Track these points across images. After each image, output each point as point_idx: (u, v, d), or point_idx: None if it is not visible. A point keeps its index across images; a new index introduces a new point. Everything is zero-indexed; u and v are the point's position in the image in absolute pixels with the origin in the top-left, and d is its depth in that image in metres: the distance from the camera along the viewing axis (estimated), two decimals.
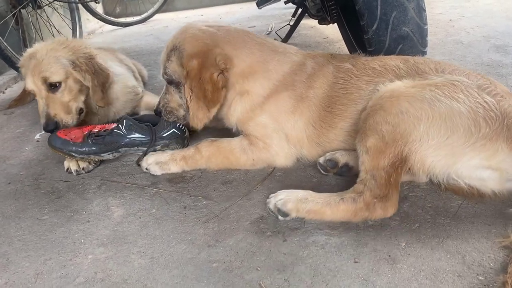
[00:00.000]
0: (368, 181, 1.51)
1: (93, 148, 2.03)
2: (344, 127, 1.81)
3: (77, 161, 2.05)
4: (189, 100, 1.87)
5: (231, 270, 1.36)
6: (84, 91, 2.21)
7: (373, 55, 1.97)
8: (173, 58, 1.87)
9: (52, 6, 4.27)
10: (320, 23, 3.19)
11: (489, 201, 1.54)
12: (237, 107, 1.91)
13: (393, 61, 1.79)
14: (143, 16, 6.24)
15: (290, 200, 1.55)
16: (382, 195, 1.48)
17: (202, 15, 6.31)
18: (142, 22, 6.20)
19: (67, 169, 2.06)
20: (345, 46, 3.19)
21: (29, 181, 2.05)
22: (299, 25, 3.99)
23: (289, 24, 3.92)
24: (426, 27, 2.19)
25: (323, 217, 1.53)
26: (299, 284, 1.29)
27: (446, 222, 1.48)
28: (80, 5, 4.85)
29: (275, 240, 1.47)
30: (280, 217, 1.55)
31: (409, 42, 2.16)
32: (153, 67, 3.76)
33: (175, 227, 1.60)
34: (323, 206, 1.52)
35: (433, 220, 1.50)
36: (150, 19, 6.30)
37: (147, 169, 1.98)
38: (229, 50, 1.86)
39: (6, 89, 3.65)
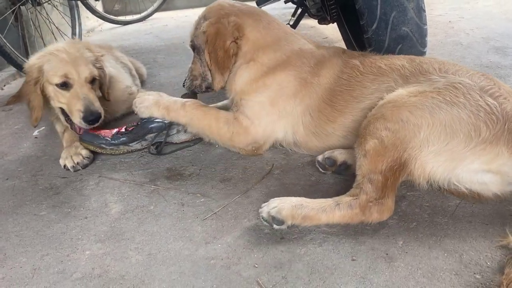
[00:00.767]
0: (364, 184, 1.48)
1: (123, 139, 2.14)
2: (343, 122, 1.81)
3: (72, 156, 2.05)
4: (209, 64, 2.01)
5: (228, 267, 1.36)
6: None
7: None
8: (199, 26, 2.04)
9: (51, 3, 4.26)
10: (320, 22, 3.18)
11: (486, 201, 1.54)
12: (243, 74, 1.99)
13: (400, 60, 1.79)
14: (143, 14, 6.23)
15: (284, 207, 1.48)
16: (378, 198, 1.46)
17: None
18: (142, 21, 6.19)
19: (64, 166, 2.06)
20: (344, 46, 3.19)
21: (27, 177, 2.04)
22: (299, 25, 3.97)
23: (288, 24, 3.91)
24: (425, 27, 2.19)
25: (319, 223, 1.49)
26: (296, 281, 1.29)
27: (444, 221, 1.49)
28: (79, 3, 4.84)
29: (273, 238, 1.48)
30: (275, 225, 1.49)
31: (408, 42, 2.16)
32: (152, 65, 3.76)
33: (173, 224, 1.60)
34: (318, 212, 1.48)
35: (431, 219, 1.50)
36: (150, 17, 6.29)
37: (136, 107, 2.09)
38: (244, 21, 1.98)
39: (4, 85, 3.64)
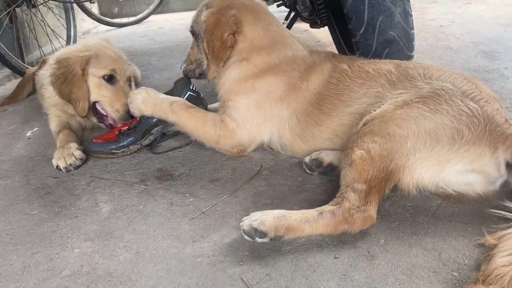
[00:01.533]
0: (347, 193, 1.48)
1: (131, 139, 2.17)
2: (330, 125, 1.86)
3: (65, 157, 2.08)
4: (207, 52, 2.03)
5: (214, 264, 1.40)
6: None
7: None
8: (200, 13, 2.05)
9: (46, 6, 4.29)
10: (311, 26, 3.23)
11: (467, 201, 1.58)
12: (233, 70, 2.02)
13: (387, 65, 1.84)
14: (138, 17, 6.28)
15: (267, 219, 1.43)
16: (361, 206, 1.46)
17: None
18: (137, 23, 6.24)
19: (56, 166, 2.09)
20: (336, 49, 3.23)
21: (19, 177, 2.07)
22: (292, 28, 4.00)
23: None
24: (412, 31, 2.24)
25: (302, 234, 1.46)
26: (280, 278, 1.32)
27: (425, 221, 1.53)
28: (75, 5, 4.87)
29: None
30: (257, 238, 1.43)
31: (395, 46, 2.20)
32: (146, 68, 3.80)
33: (161, 223, 1.63)
34: (301, 222, 1.44)
35: (413, 218, 1.54)
36: (145, 20, 6.34)
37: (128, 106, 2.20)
38: (244, 17, 1.99)
39: None
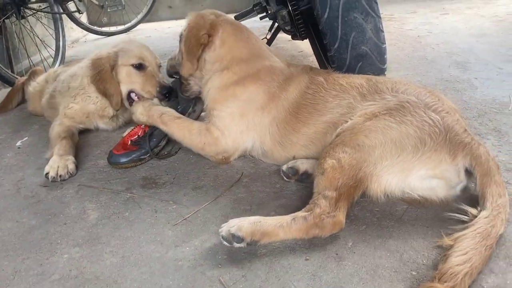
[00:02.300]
0: (319, 200, 1.59)
1: (152, 143, 2.26)
2: (306, 132, 1.99)
3: (58, 167, 2.15)
4: (183, 52, 2.21)
5: (194, 267, 1.50)
6: None
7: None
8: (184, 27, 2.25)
9: (35, 16, 4.37)
10: (293, 38, 3.36)
11: (430, 206, 1.71)
12: (215, 79, 2.17)
13: (359, 79, 1.99)
14: (127, 25, 6.37)
15: (244, 224, 1.54)
16: (331, 211, 1.57)
17: None
18: (126, 32, 6.33)
19: (46, 173, 2.15)
20: (316, 60, 3.36)
21: (9, 185, 2.16)
22: (277, 38, 4.15)
23: (265, 38, 4.09)
24: (384, 46, 2.39)
25: (277, 239, 1.56)
26: (255, 279, 1.43)
27: (391, 225, 1.65)
28: (64, 15, 4.95)
29: None
30: (235, 244, 1.53)
31: (368, 60, 2.35)
32: None
33: (145, 229, 1.73)
34: (276, 227, 1.54)
35: (379, 222, 1.67)
36: (134, 28, 6.43)
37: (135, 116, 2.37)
38: (221, 24, 2.19)
39: None
